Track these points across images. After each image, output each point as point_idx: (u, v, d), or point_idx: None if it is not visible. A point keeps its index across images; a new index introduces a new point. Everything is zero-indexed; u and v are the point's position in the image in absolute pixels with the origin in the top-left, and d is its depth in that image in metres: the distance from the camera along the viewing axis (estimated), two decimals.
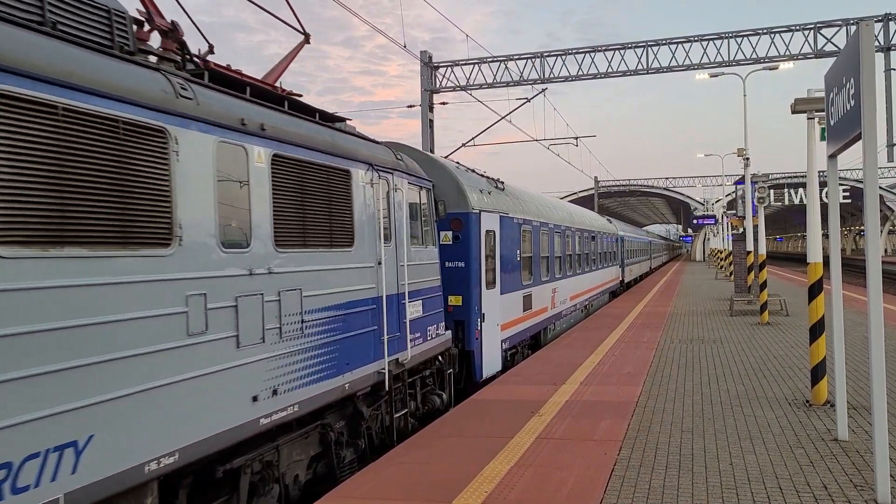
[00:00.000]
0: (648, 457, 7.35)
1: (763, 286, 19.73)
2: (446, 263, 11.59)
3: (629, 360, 13.40)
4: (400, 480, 6.77)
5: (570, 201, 32.76)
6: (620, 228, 35.56)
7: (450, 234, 11.73)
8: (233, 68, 7.13)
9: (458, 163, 13.37)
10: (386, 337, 8.30)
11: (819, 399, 9.40)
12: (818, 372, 9.33)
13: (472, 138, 28.04)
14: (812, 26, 28.96)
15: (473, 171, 13.54)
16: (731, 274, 34.69)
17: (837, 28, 28.66)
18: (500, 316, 13.01)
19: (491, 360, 12.49)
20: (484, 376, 12.09)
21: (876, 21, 27.65)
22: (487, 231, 12.39)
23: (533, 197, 17.42)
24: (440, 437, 8.26)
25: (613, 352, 14.41)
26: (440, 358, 10.72)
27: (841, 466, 6.90)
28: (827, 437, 7.91)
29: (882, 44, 27.81)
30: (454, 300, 11.67)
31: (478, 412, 9.48)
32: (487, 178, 14.05)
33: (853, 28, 27.56)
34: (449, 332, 10.93)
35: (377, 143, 9.05)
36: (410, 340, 9.12)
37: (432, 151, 29.46)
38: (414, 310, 9.31)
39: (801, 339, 15.73)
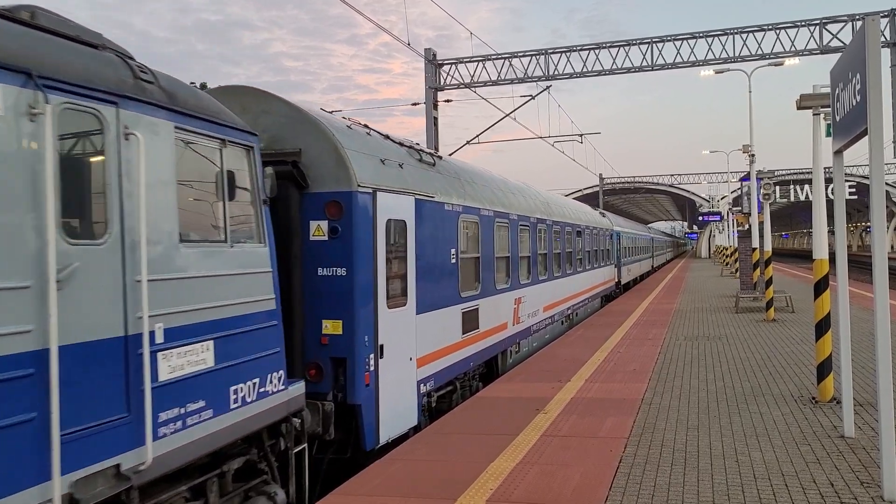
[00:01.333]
0: (654, 454, 7.35)
1: (769, 283, 19.70)
2: (318, 270, 7.73)
3: (634, 357, 13.39)
4: (405, 477, 6.78)
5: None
6: (616, 223, 31.96)
7: (324, 224, 7.77)
8: None
9: (362, 123, 9.38)
10: (57, 434, 4.08)
11: (825, 396, 9.38)
12: (824, 368, 9.32)
13: (477, 136, 28.04)
14: (817, 22, 28.85)
15: (388, 137, 9.65)
16: (736, 271, 34.63)
17: (843, 24, 28.54)
18: (415, 346, 8.97)
19: (397, 414, 8.44)
20: (383, 440, 8.08)
21: (882, 16, 27.55)
22: (392, 221, 8.50)
23: (486, 178, 13.19)
24: (445, 434, 8.26)
25: (618, 349, 14.39)
26: (286, 426, 6.61)
27: (847, 463, 6.89)
28: (833, 434, 7.89)
29: (888, 39, 27.70)
30: (331, 326, 7.72)
31: (483, 409, 9.48)
32: (409, 146, 10.07)
33: (859, 24, 27.44)
34: (298, 384, 6.75)
35: (94, 45, 5.00)
36: (165, 423, 4.99)
37: (437, 149, 29.42)
38: (185, 361, 5.24)
39: (807, 336, 15.70)
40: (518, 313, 13.98)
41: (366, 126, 9.38)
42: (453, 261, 10.49)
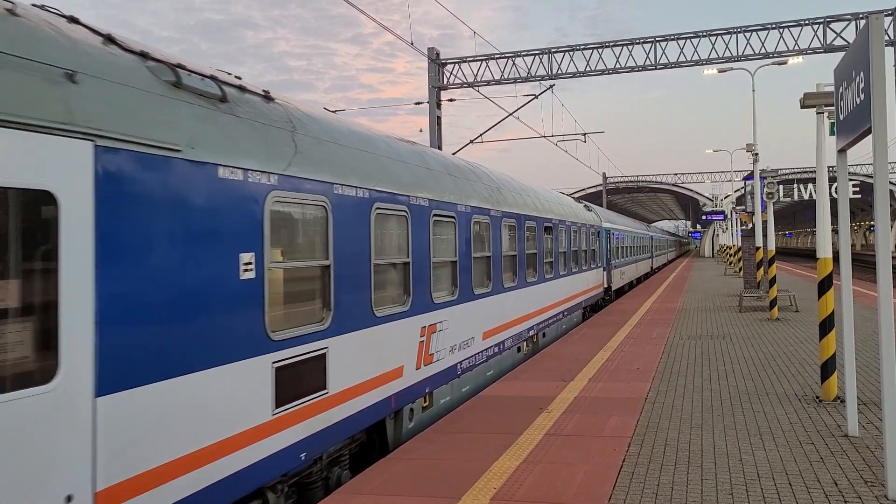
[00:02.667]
0: (657, 453, 7.35)
1: (772, 282, 19.68)
2: None
3: (638, 356, 13.39)
4: (410, 476, 6.79)
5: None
6: (606, 219, 28.11)
7: None
8: None
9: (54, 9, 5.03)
10: None
11: (829, 395, 9.37)
12: (828, 367, 9.31)
13: (480, 135, 28.06)
14: (821, 20, 28.81)
15: (112, 39, 5.22)
16: (740, 270, 34.59)
17: (847, 22, 28.49)
18: (88, 466, 4.30)
19: None
20: None
21: (886, 15, 27.49)
22: None
23: (366, 140, 8.40)
24: (450, 433, 8.27)
25: (622, 348, 14.39)
26: None
27: (851, 462, 6.88)
28: (837, 433, 7.89)
29: (892, 38, 27.64)
30: None
31: (487, 408, 9.48)
32: (162, 61, 5.53)
33: (863, 22, 27.40)
34: None
35: None
36: None
37: (440, 148, 29.41)
38: None
39: (811, 335, 15.68)
40: (429, 348, 9.38)
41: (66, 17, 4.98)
42: (248, 275, 5.77)
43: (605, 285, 26.08)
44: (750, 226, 30.20)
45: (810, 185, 46.79)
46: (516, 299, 13.68)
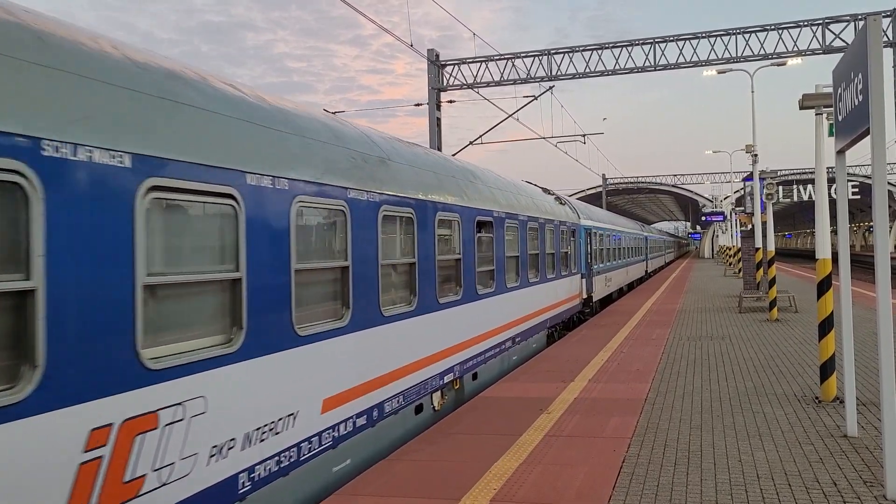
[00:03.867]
0: (657, 454, 7.36)
1: (772, 283, 19.69)
2: None
3: (638, 357, 13.40)
4: (409, 477, 6.80)
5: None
6: (587, 215, 23.49)
7: None
8: None
9: None
10: None
11: (828, 395, 9.38)
12: (827, 368, 9.33)
13: (480, 136, 28.09)
14: (820, 22, 28.86)
15: None
16: (739, 271, 34.61)
17: (846, 23, 28.55)
18: None
19: None
20: None
21: (884, 16, 27.54)
22: None
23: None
24: (449, 434, 8.28)
25: (622, 349, 14.40)
26: None
27: (850, 463, 6.89)
28: (836, 434, 7.90)
29: (890, 39, 27.69)
30: None
31: (486, 410, 9.50)
32: None
33: (861, 23, 27.42)
34: None
35: None
36: None
37: (440, 150, 29.45)
38: None
39: (811, 336, 15.70)
40: (124, 470, 4.27)
41: None
42: None
43: (584, 295, 21.75)
44: (749, 227, 30.23)
45: (810, 186, 46.81)
46: (416, 332, 8.96)
